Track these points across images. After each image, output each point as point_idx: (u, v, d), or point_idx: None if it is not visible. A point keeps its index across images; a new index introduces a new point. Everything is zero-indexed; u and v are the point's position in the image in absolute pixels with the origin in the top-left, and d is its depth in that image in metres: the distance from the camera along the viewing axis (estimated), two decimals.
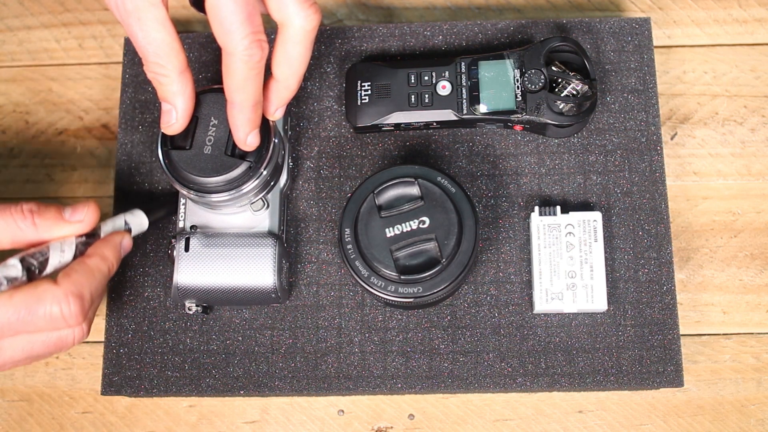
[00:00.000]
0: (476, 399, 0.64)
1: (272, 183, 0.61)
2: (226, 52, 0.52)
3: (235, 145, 0.56)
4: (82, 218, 0.54)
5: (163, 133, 0.57)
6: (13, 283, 0.52)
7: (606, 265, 0.63)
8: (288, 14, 0.52)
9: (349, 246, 0.58)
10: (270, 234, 0.60)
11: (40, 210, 0.53)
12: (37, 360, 0.54)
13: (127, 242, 0.57)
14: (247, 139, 0.55)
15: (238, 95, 0.53)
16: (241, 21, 0.50)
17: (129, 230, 0.58)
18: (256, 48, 0.51)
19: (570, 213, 0.62)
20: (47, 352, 0.53)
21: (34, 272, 0.53)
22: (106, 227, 0.57)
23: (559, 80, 0.63)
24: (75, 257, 0.54)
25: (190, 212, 0.61)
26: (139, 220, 0.59)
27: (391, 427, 0.63)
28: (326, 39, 0.68)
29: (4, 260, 0.52)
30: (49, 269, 0.54)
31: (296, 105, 0.67)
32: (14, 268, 0.52)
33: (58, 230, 0.54)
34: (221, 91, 0.55)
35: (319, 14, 0.53)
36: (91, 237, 0.55)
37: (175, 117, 0.55)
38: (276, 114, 0.57)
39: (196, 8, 0.54)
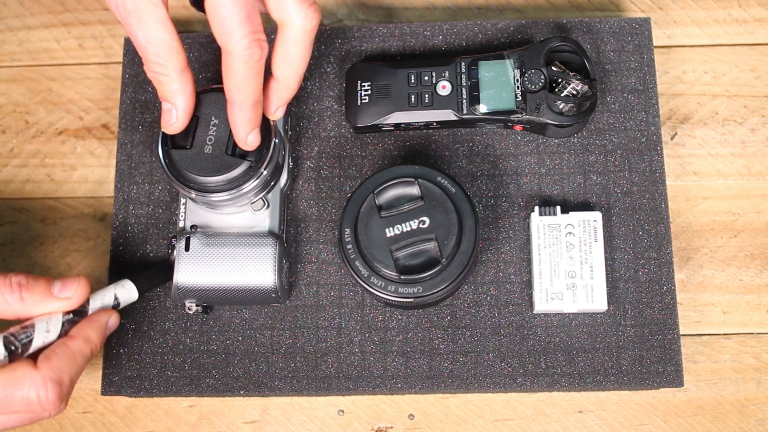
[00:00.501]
0: (476, 399, 0.64)
1: (272, 183, 0.61)
2: (225, 52, 0.52)
3: (235, 145, 0.56)
4: (70, 295, 0.53)
5: (163, 132, 0.57)
6: None
7: (606, 265, 0.63)
8: (288, 14, 0.52)
9: (349, 246, 0.58)
10: (270, 234, 0.60)
11: (29, 284, 0.53)
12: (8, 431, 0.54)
13: (113, 321, 0.57)
14: (248, 138, 0.55)
15: (238, 95, 0.53)
16: (241, 21, 0.50)
17: (117, 305, 0.57)
18: (255, 48, 0.51)
19: (570, 213, 0.62)
20: (19, 426, 0.53)
21: (16, 352, 0.52)
22: (95, 302, 0.56)
23: (559, 80, 0.63)
24: (60, 335, 0.54)
25: (191, 212, 0.61)
26: (128, 293, 0.58)
27: (391, 427, 0.63)
28: (326, 39, 0.68)
29: None
30: (32, 349, 0.53)
31: (296, 105, 0.67)
32: None
33: (46, 306, 0.53)
34: (221, 90, 0.55)
35: (319, 14, 0.53)
36: (78, 314, 0.55)
37: (175, 116, 0.55)
38: (277, 113, 0.57)
39: (196, 8, 0.54)
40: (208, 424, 0.64)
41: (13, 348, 0.52)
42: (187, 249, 0.59)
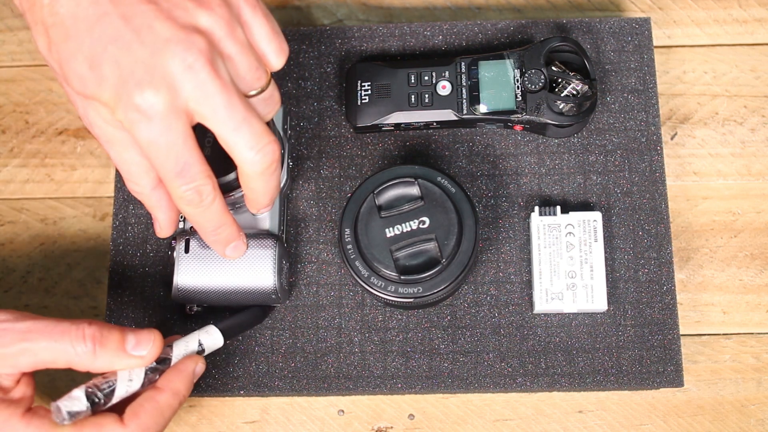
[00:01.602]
0: (476, 399, 0.64)
1: None
2: (169, 192, 0.51)
3: None
4: (144, 353, 0.52)
5: None
6: (76, 417, 0.49)
7: (606, 265, 0.63)
8: (238, 160, 0.50)
9: (349, 246, 0.58)
10: (270, 234, 0.60)
11: (102, 338, 0.51)
12: None
13: (200, 368, 0.55)
14: (226, 252, 0.55)
15: (196, 226, 0.53)
16: (172, 176, 0.49)
17: (202, 351, 0.56)
18: (189, 193, 0.49)
19: (570, 213, 0.62)
20: None
21: (99, 404, 0.50)
22: (178, 349, 0.54)
23: (559, 80, 0.63)
24: (144, 384, 0.52)
25: None
26: (213, 340, 0.56)
27: (391, 427, 0.63)
28: (326, 39, 0.68)
29: (68, 392, 0.50)
30: (114, 400, 0.51)
31: (296, 105, 0.67)
32: (78, 401, 0.50)
33: (119, 363, 0.51)
34: None
35: (274, 151, 0.50)
36: (161, 362, 0.53)
37: (158, 226, 0.55)
38: (260, 214, 0.56)
39: None
40: (208, 424, 0.64)
41: (96, 399, 0.50)
42: (186, 251, 0.59)
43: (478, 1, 0.72)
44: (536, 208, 0.62)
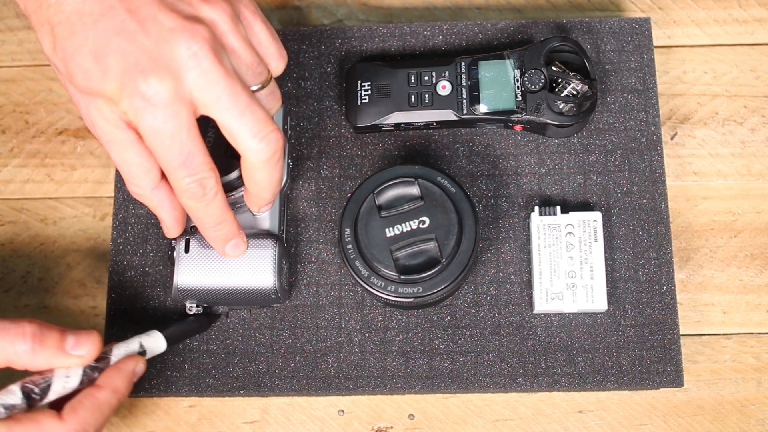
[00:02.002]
0: (476, 399, 0.64)
1: None
2: (171, 185, 0.51)
3: (233, 147, 0.56)
4: (83, 353, 0.52)
5: None
6: (11, 411, 0.50)
7: (606, 265, 0.63)
8: (242, 147, 0.50)
9: (349, 246, 0.58)
10: (270, 234, 0.60)
11: (42, 336, 0.51)
12: None
13: (140, 368, 0.56)
14: (226, 249, 0.56)
15: (197, 221, 0.53)
16: (175, 167, 0.49)
17: (143, 353, 0.56)
18: (193, 185, 0.50)
19: (570, 213, 0.62)
20: None
21: (35, 399, 0.51)
22: (119, 350, 0.55)
23: (559, 80, 0.63)
24: (82, 382, 0.53)
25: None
26: (155, 343, 0.57)
27: (391, 427, 0.63)
28: (326, 39, 0.68)
29: (4, 385, 0.50)
30: (51, 396, 0.52)
31: (296, 105, 0.67)
32: (14, 395, 0.50)
33: (57, 361, 0.52)
34: None
35: (278, 140, 0.50)
36: (100, 361, 0.54)
37: (165, 226, 0.56)
38: (261, 213, 0.57)
39: None
40: (208, 424, 0.64)
41: (32, 395, 0.51)
42: (186, 250, 0.59)
43: (478, 1, 0.72)
44: (536, 208, 0.62)
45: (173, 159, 0.49)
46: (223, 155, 0.56)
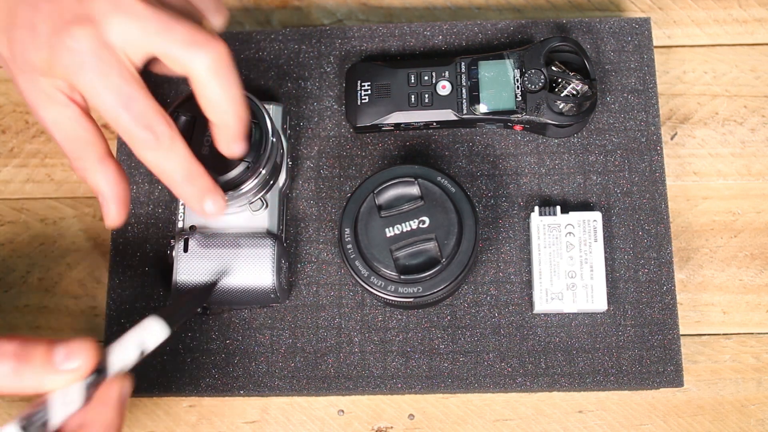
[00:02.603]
0: (476, 399, 0.64)
1: (271, 183, 0.61)
2: (125, 140, 0.50)
3: None
4: (76, 365, 0.45)
5: None
6: None
7: (606, 265, 0.63)
8: (183, 64, 0.48)
9: (349, 246, 0.58)
10: (269, 234, 0.60)
11: (25, 353, 0.44)
12: None
13: (127, 389, 0.49)
14: (205, 207, 0.53)
15: (164, 177, 0.51)
16: (118, 113, 0.48)
17: (143, 352, 0.50)
18: (143, 132, 0.48)
19: (570, 213, 0.62)
20: None
21: None
22: (115, 354, 0.48)
23: (559, 80, 0.63)
24: (87, 400, 0.46)
25: (189, 212, 0.61)
26: (155, 336, 0.50)
27: (391, 427, 0.63)
28: (326, 39, 0.68)
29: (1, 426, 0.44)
30: (53, 427, 0.45)
31: (296, 105, 0.67)
32: None
33: (50, 380, 0.44)
34: None
35: (218, 47, 0.48)
36: (99, 372, 0.47)
37: (107, 208, 0.52)
38: (234, 151, 0.53)
39: None
40: (208, 424, 0.64)
41: (32, 430, 0.44)
42: (185, 250, 0.59)
43: (478, 1, 0.72)
44: (536, 208, 0.62)
45: (113, 106, 0.48)
46: (222, 154, 0.56)
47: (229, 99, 0.50)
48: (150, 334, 0.50)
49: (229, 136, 0.52)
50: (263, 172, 0.58)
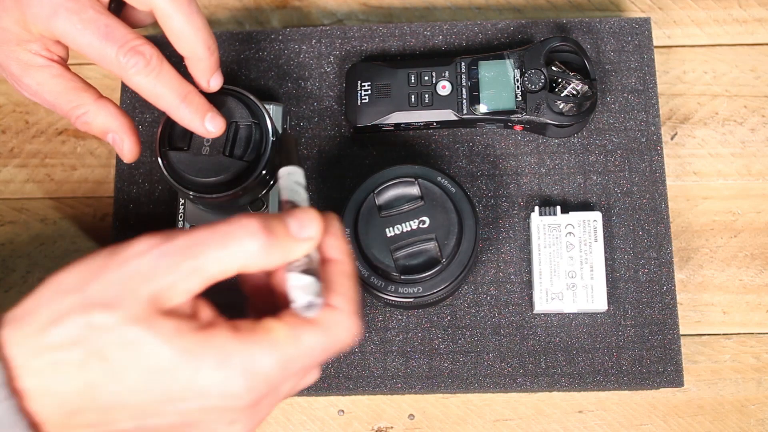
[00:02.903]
0: (476, 399, 0.64)
1: (271, 183, 0.60)
2: (119, 75, 0.51)
3: (233, 146, 0.56)
4: (313, 233, 0.43)
5: (161, 134, 0.57)
6: (315, 308, 0.42)
7: (606, 265, 0.63)
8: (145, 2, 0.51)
9: (349, 246, 0.58)
10: None
11: (269, 227, 0.42)
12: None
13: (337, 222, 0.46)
14: (205, 125, 0.54)
15: (162, 102, 0.52)
16: (101, 44, 0.50)
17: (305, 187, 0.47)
18: (132, 57, 0.50)
19: (570, 213, 0.62)
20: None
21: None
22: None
23: (559, 80, 0.63)
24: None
25: (189, 212, 0.61)
26: (298, 177, 0.47)
27: (391, 427, 0.63)
28: (326, 39, 0.68)
29: (296, 280, 0.42)
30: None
31: (296, 105, 0.67)
32: (311, 285, 0.42)
33: (293, 251, 0.42)
34: (216, 91, 0.56)
35: None
36: None
37: (120, 144, 0.54)
38: (212, 85, 0.55)
39: None
40: None
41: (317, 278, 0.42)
42: None
43: (479, 1, 0.72)
44: (536, 208, 0.62)
45: (95, 39, 0.49)
46: (222, 155, 0.56)
47: (194, 28, 0.52)
48: (290, 173, 0.47)
49: (203, 69, 0.54)
50: (263, 172, 0.58)
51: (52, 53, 0.53)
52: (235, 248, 0.41)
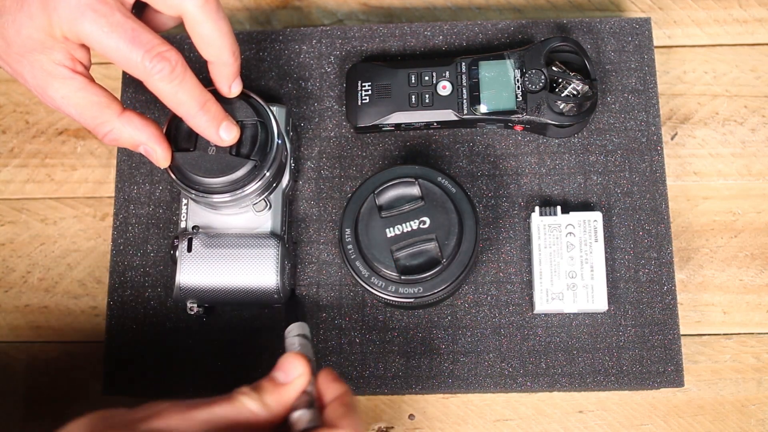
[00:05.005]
0: (476, 399, 0.64)
1: (275, 184, 0.60)
2: (141, 79, 0.51)
3: (239, 146, 0.56)
4: (300, 372, 0.49)
5: (165, 134, 0.57)
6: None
7: (606, 265, 0.63)
8: (175, 4, 0.50)
9: (350, 246, 0.58)
10: (272, 235, 0.60)
11: (259, 388, 0.49)
12: None
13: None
14: (220, 134, 0.55)
15: (181, 108, 0.53)
16: (128, 48, 0.50)
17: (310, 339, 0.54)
18: (158, 63, 0.50)
19: (570, 213, 0.62)
20: None
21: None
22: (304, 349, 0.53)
23: (560, 80, 0.63)
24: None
25: (192, 212, 0.61)
26: (300, 327, 0.55)
27: (392, 427, 0.63)
28: (326, 39, 0.68)
29: (296, 414, 0.48)
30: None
31: (297, 105, 0.67)
32: (306, 414, 0.49)
33: (286, 395, 0.49)
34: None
35: None
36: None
37: (152, 152, 0.55)
38: (233, 90, 0.56)
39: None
40: None
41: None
42: (189, 250, 0.59)
43: (479, 1, 0.72)
44: (536, 208, 0.62)
45: (121, 43, 0.49)
46: (228, 154, 0.56)
47: (221, 34, 0.52)
48: (303, 329, 0.55)
49: (226, 75, 0.55)
50: (268, 173, 0.58)
51: (75, 62, 0.52)
52: (238, 408, 0.48)
